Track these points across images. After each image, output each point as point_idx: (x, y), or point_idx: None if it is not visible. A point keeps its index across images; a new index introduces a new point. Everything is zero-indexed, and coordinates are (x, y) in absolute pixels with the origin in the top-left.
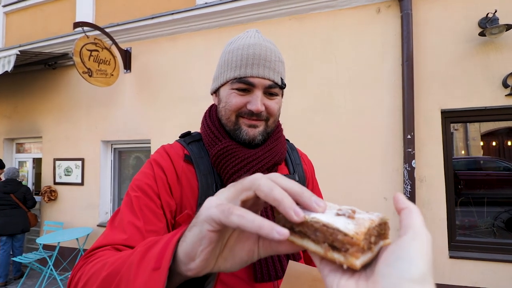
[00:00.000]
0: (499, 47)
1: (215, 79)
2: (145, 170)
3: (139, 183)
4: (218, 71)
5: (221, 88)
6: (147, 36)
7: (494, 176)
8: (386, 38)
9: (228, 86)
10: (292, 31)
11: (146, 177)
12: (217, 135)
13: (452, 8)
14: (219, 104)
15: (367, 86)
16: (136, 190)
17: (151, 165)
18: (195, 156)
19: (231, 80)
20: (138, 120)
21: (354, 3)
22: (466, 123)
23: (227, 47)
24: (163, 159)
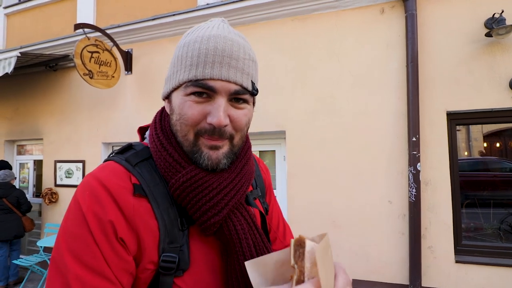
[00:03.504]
0: (506, 48)
1: (167, 81)
2: (76, 229)
3: (77, 252)
4: (170, 70)
5: (173, 93)
6: (148, 37)
7: (501, 178)
8: (390, 39)
9: (182, 92)
10: (295, 32)
11: (83, 243)
12: (176, 158)
13: (457, 9)
14: (171, 115)
15: (371, 87)
16: (77, 265)
17: (83, 220)
18: (148, 185)
19: (185, 84)
20: (139, 122)
21: (358, 4)
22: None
23: (183, 39)
24: (100, 202)
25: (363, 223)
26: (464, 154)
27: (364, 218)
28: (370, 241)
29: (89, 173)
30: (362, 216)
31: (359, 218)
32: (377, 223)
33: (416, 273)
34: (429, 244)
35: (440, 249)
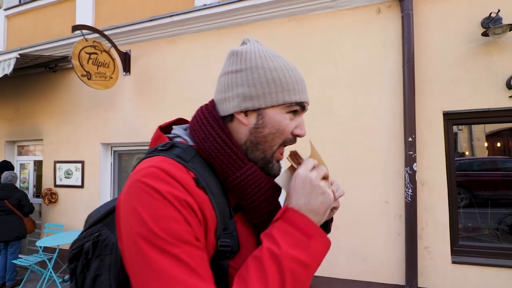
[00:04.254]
0: (502, 48)
1: (255, 97)
2: (162, 211)
3: (171, 230)
4: (261, 88)
5: (269, 109)
6: (147, 38)
7: (499, 177)
8: (386, 39)
9: (283, 109)
10: (291, 33)
11: (176, 221)
12: (240, 156)
13: (454, 8)
14: (257, 128)
15: (367, 87)
16: (172, 242)
17: (166, 201)
18: (203, 179)
19: (289, 104)
20: (137, 123)
21: (354, 4)
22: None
23: (267, 61)
24: (174, 186)
25: (359, 224)
26: (466, 154)
27: (360, 218)
28: (367, 242)
29: (147, 165)
30: (358, 216)
31: (356, 219)
32: (374, 223)
33: (412, 273)
34: (426, 244)
35: (436, 250)
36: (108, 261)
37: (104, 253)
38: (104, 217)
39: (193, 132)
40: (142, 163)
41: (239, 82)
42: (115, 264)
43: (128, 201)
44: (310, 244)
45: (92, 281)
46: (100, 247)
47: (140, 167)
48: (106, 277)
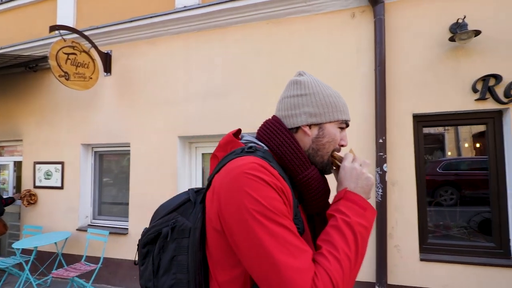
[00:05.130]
0: (468, 53)
1: (318, 115)
2: (270, 193)
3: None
4: (322, 109)
5: (327, 124)
6: (127, 39)
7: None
8: (360, 43)
9: (336, 125)
10: (269, 35)
11: (278, 201)
12: (306, 159)
13: (424, 14)
14: (318, 138)
15: (342, 90)
16: (280, 215)
17: (271, 187)
18: (282, 175)
19: (341, 121)
20: (118, 123)
21: (329, 8)
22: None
23: (324, 89)
24: (274, 177)
25: None
26: (454, 154)
27: None
28: None
29: (246, 161)
30: None
31: None
32: None
33: (382, 271)
34: (396, 243)
35: (406, 248)
36: (186, 243)
37: (181, 236)
38: (178, 207)
39: (268, 139)
40: (238, 161)
41: (305, 103)
42: (192, 245)
43: (237, 187)
44: (366, 214)
45: (169, 261)
46: (178, 231)
47: (239, 163)
48: (183, 257)
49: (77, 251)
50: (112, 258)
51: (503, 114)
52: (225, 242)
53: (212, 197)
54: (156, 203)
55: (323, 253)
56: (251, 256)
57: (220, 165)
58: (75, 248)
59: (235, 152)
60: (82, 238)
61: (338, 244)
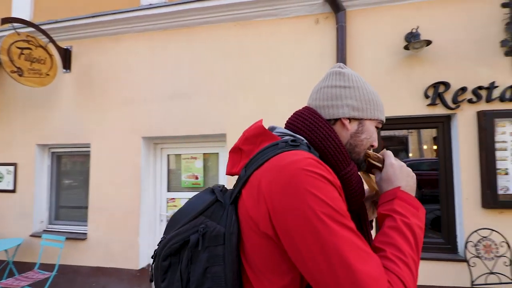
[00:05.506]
0: (421, 61)
1: (360, 110)
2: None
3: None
4: (364, 104)
5: (367, 121)
6: (89, 35)
7: (425, 176)
8: (324, 48)
9: (374, 123)
10: (237, 37)
11: (341, 201)
12: (347, 154)
13: (382, 23)
14: (357, 133)
15: (306, 93)
16: (346, 216)
17: (332, 186)
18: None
19: (379, 120)
20: (78, 123)
21: (294, 13)
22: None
23: (366, 85)
24: (333, 176)
25: None
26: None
27: None
28: None
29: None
30: None
31: None
32: None
33: None
34: None
35: None
36: (221, 251)
37: (213, 244)
38: (205, 209)
39: (309, 132)
40: (288, 156)
41: (348, 96)
42: (229, 253)
43: (298, 186)
44: (419, 214)
45: (202, 274)
46: (209, 238)
47: (292, 158)
48: (219, 268)
49: (31, 258)
50: (70, 265)
51: (451, 119)
52: (275, 248)
53: (257, 197)
54: (117, 206)
55: (390, 258)
56: (319, 263)
57: (260, 161)
58: (28, 255)
59: (278, 146)
60: (36, 245)
61: (403, 248)
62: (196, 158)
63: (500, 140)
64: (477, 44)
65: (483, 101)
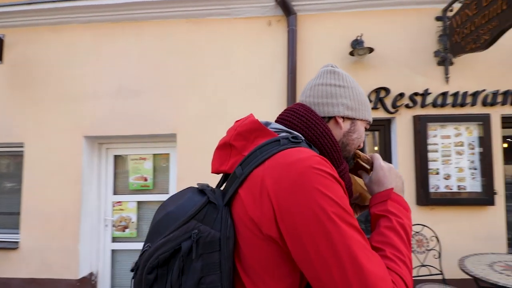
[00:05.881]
0: (365, 67)
1: (354, 109)
2: (340, 192)
3: (349, 208)
4: (357, 104)
5: (359, 121)
6: (25, 23)
7: None
8: (275, 51)
9: (363, 124)
10: (189, 35)
11: (346, 199)
12: (341, 152)
13: (330, 29)
14: (349, 132)
15: (258, 95)
16: (353, 216)
17: (339, 185)
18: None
19: (368, 121)
20: (9, 120)
21: (247, 14)
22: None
23: (358, 86)
24: (336, 173)
25: None
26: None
27: None
28: None
29: (308, 154)
30: None
31: None
32: None
33: None
34: None
35: None
36: (216, 258)
37: (208, 251)
38: (197, 212)
39: (306, 129)
40: (294, 153)
41: (343, 95)
42: (226, 260)
43: (307, 185)
44: (408, 214)
45: (196, 285)
46: (203, 244)
47: (299, 156)
48: (216, 277)
49: None
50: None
51: (391, 122)
52: (276, 251)
53: (260, 197)
54: (55, 211)
55: (391, 257)
56: (329, 264)
57: (260, 158)
58: None
59: (281, 142)
60: None
61: (400, 247)
62: (145, 159)
63: (432, 142)
64: (414, 53)
65: (418, 106)
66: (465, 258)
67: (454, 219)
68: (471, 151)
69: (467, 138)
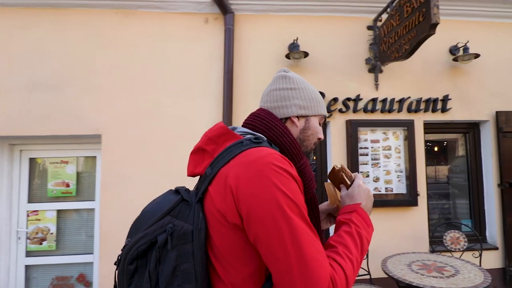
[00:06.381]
0: (301, 70)
1: (306, 108)
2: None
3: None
4: (309, 102)
5: (312, 117)
6: None
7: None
8: (212, 49)
9: (318, 119)
10: (118, 27)
11: (299, 194)
12: (300, 149)
13: (268, 31)
14: (306, 129)
15: (194, 94)
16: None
17: (294, 180)
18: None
19: (322, 116)
20: None
21: (183, 9)
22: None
23: (309, 86)
24: (294, 170)
25: None
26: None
27: None
28: None
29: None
30: None
31: None
32: None
33: None
34: None
35: None
36: (189, 248)
37: (181, 242)
38: (171, 209)
39: (267, 130)
40: (254, 152)
41: (295, 96)
42: (198, 249)
43: (264, 180)
44: (369, 230)
45: (172, 273)
46: (178, 236)
47: (258, 154)
48: (189, 265)
49: None
50: None
51: (326, 126)
52: (242, 238)
53: (224, 191)
54: None
55: (339, 253)
56: (278, 250)
57: (226, 158)
58: None
59: (243, 143)
60: None
61: (351, 249)
62: (67, 162)
63: (363, 146)
64: (347, 60)
65: (350, 111)
66: (388, 258)
67: (382, 220)
68: (397, 155)
69: (394, 142)
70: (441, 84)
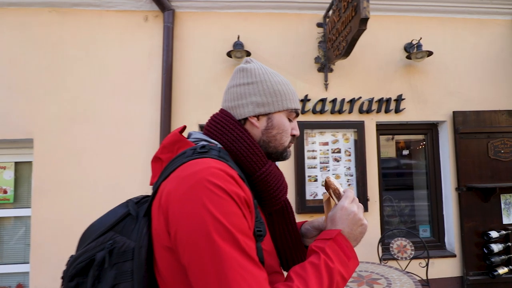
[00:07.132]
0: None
1: (266, 104)
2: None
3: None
4: (269, 98)
5: (276, 114)
6: None
7: None
8: (152, 48)
9: (285, 114)
10: (51, 25)
11: (238, 217)
12: (262, 154)
13: (211, 28)
14: (267, 130)
15: (131, 95)
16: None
17: (231, 199)
18: (241, 176)
19: (290, 110)
20: None
21: (121, 7)
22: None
23: (271, 76)
24: (234, 185)
25: None
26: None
27: None
28: None
29: (205, 166)
30: None
31: None
32: None
33: None
34: None
35: None
36: (129, 267)
37: (121, 260)
38: (115, 224)
39: (220, 135)
40: (192, 165)
41: (251, 92)
42: (138, 269)
43: (195, 200)
44: (349, 264)
45: None
46: (117, 254)
47: (194, 168)
48: (127, 285)
49: None
50: None
51: None
52: (176, 261)
53: (158, 208)
54: None
55: (292, 287)
56: (200, 282)
57: (168, 170)
58: None
59: (186, 154)
60: None
61: (311, 285)
62: (4, 167)
63: (311, 149)
64: (295, 59)
65: None
66: None
67: None
68: (347, 158)
69: (344, 145)
70: (395, 84)
